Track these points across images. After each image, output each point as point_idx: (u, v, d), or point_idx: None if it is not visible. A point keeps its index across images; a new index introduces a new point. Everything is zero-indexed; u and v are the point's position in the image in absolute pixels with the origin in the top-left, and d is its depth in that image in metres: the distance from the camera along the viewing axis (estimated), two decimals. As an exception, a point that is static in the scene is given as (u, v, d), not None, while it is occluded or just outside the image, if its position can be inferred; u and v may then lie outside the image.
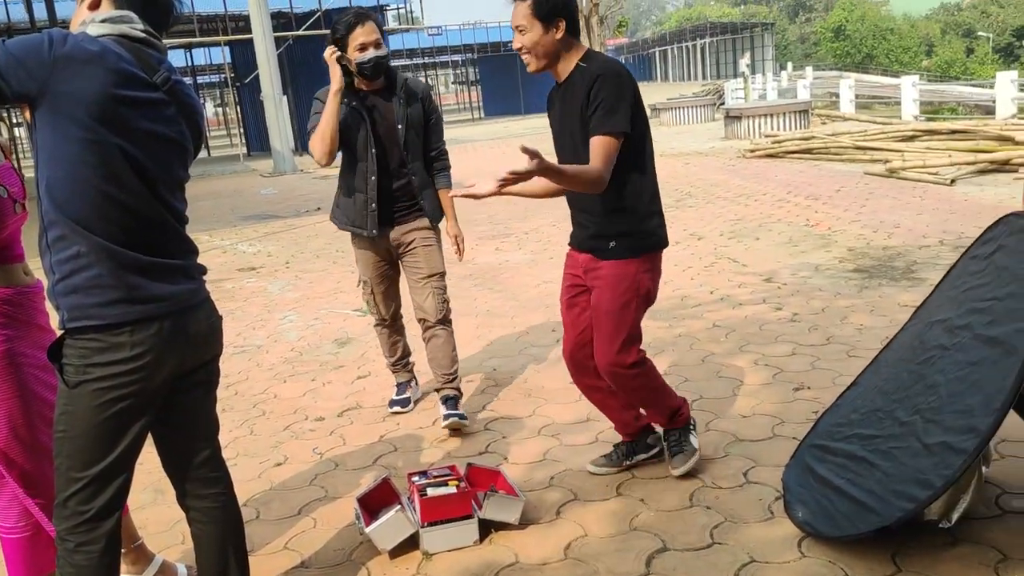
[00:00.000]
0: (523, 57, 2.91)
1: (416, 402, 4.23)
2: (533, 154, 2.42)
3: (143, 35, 1.97)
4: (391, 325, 4.13)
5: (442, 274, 3.91)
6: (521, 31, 2.85)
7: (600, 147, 2.74)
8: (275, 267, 8.48)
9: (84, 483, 1.93)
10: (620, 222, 2.93)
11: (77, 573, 1.95)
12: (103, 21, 1.92)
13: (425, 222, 3.86)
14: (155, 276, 1.94)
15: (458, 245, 3.96)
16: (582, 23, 26.82)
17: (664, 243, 3.06)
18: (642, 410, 3.24)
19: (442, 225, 3.96)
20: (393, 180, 3.79)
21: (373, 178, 3.75)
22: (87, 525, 1.95)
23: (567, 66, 2.90)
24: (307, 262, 8.59)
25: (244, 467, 3.63)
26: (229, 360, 5.28)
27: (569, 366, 3.18)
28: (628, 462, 3.24)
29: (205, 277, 2.15)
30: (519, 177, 2.50)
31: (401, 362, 4.22)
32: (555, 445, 3.56)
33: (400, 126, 3.74)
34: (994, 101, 16.02)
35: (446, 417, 3.81)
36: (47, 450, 2.16)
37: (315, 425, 4.08)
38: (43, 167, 1.84)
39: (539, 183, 2.89)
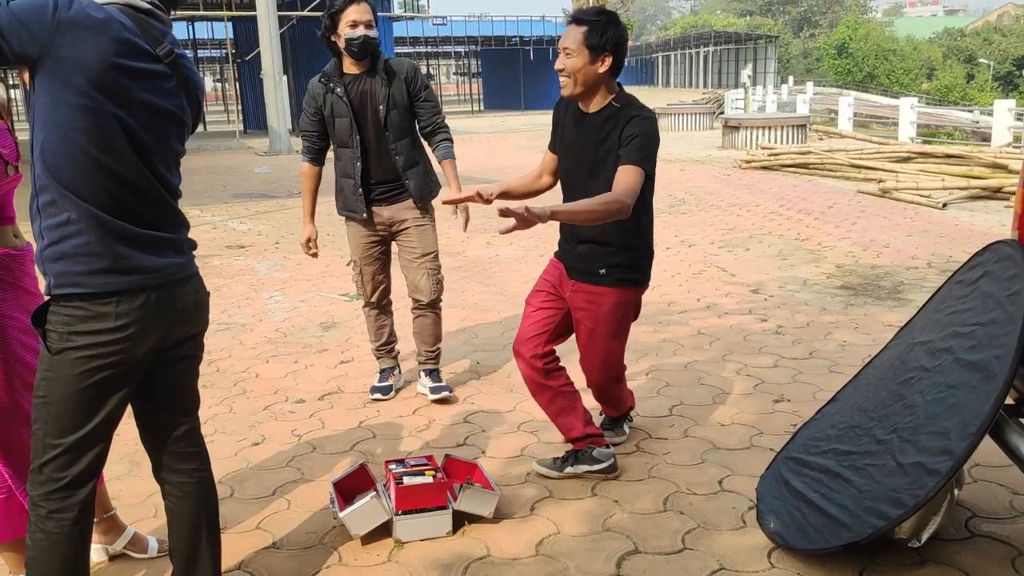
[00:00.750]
0: (561, 79, 2.95)
1: (398, 390, 4.23)
2: (538, 217, 2.56)
3: (148, 6, 1.95)
4: (378, 307, 4.14)
5: (436, 254, 3.99)
6: (568, 54, 2.89)
7: (631, 175, 2.82)
8: (264, 246, 8.45)
9: (61, 450, 1.92)
10: (616, 253, 3.05)
11: (48, 539, 1.94)
12: None
13: (415, 204, 3.90)
14: (144, 248, 1.92)
15: (461, 213, 3.78)
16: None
17: (649, 278, 3.21)
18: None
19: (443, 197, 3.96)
20: (378, 161, 3.84)
21: (358, 163, 3.83)
22: (61, 492, 1.94)
23: (600, 101, 2.98)
24: (297, 243, 8.51)
25: (221, 445, 3.63)
26: (212, 337, 5.26)
27: (520, 362, 3.20)
28: (571, 469, 3.21)
29: (194, 252, 2.13)
30: (524, 226, 2.61)
31: (386, 347, 4.22)
32: (533, 442, 3.57)
33: (381, 106, 3.77)
34: (990, 128, 16.12)
35: (433, 391, 4.01)
36: (25, 415, 2.15)
37: (295, 407, 4.08)
38: (38, 131, 1.83)
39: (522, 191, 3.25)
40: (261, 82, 22.07)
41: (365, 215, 3.89)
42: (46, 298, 1.91)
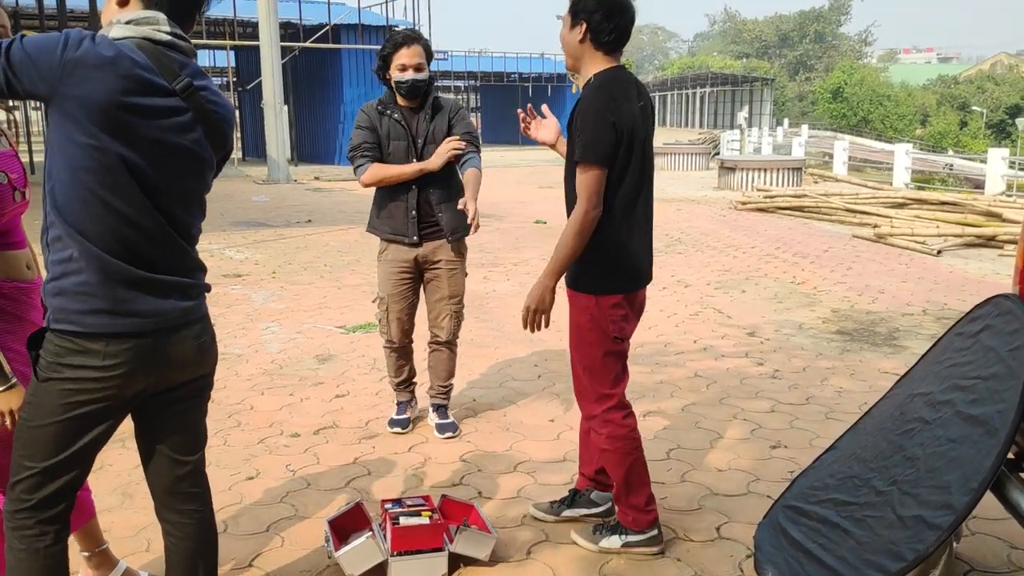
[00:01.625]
0: None
1: (413, 421, 4.23)
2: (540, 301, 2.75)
3: (168, 37, 1.93)
4: (400, 349, 4.11)
5: (461, 297, 4.05)
6: (563, 22, 2.83)
7: (579, 178, 2.71)
8: (261, 276, 8.45)
9: (32, 473, 1.92)
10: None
11: (16, 557, 1.96)
12: (128, 23, 1.90)
13: (449, 245, 3.96)
14: (145, 291, 1.90)
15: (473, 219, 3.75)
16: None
17: (620, 288, 2.85)
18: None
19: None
20: (426, 191, 3.90)
21: (414, 186, 3.88)
22: (28, 513, 1.94)
23: (585, 75, 2.82)
24: (294, 273, 8.56)
25: (215, 478, 3.55)
26: (208, 367, 5.24)
27: None
28: (568, 512, 3.16)
29: (205, 294, 2.10)
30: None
31: (405, 383, 4.22)
32: (530, 483, 3.55)
33: (419, 140, 3.88)
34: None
35: (440, 428, 4.08)
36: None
37: (290, 441, 4.05)
38: (51, 166, 1.83)
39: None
40: (261, 110, 22.22)
41: (416, 238, 3.90)
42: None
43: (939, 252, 9.63)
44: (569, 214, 2.80)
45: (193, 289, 2.03)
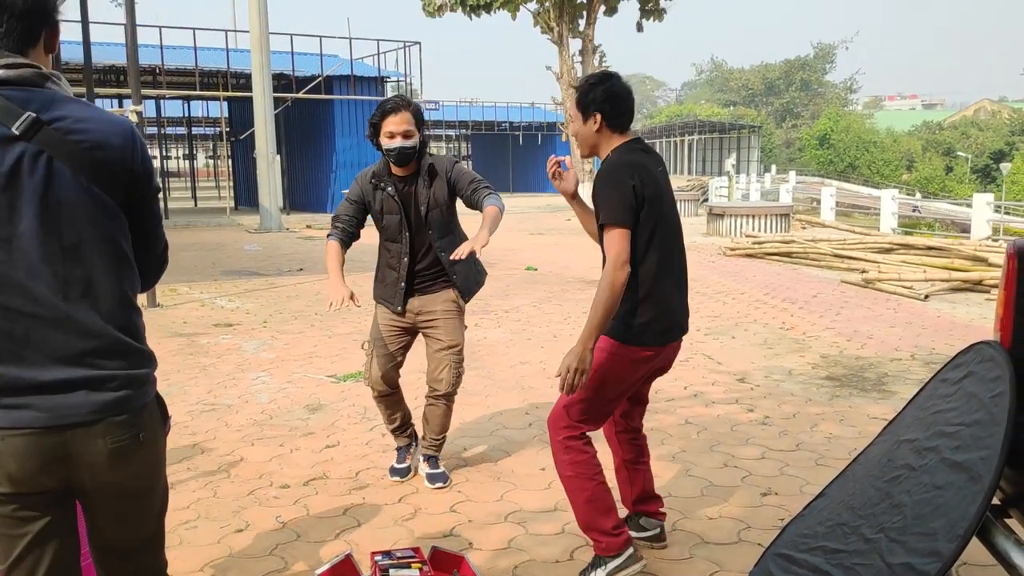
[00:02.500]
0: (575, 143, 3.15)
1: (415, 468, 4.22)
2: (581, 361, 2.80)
3: (1, 72, 1.67)
4: (388, 396, 4.09)
5: (461, 347, 4.01)
6: (571, 120, 3.11)
7: (607, 240, 2.87)
8: (252, 325, 8.45)
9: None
10: None
11: None
12: None
13: (450, 294, 3.97)
14: (33, 393, 1.69)
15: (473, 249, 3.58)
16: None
17: (649, 341, 2.98)
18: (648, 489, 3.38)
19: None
20: (423, 259, 3.92)
21: (405, 259, 3.90)
22: None
23: (603, 154, 3.06)
24: (285, 323, 8.57)
25: (205, 530, 3.57)
26: (198, 418, 5.23)
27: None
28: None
29: (131, 388, 1.79)
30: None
31: (401, 428, 4.21)
32: (521, 533, 3.54)
33: (422, 207, 3.86)
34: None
35: (431, 478, 4.05)
36: None
37: (280, 492, 4.03)
38: None
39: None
40: (253, 160, 22.39)
41: (399, 308, 3.95)
42: None
43: (926, 297, 9.71)
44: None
45: (113, 380, 1.75)
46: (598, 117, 2.99)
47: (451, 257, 3.60)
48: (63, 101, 1.72)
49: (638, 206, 2.87)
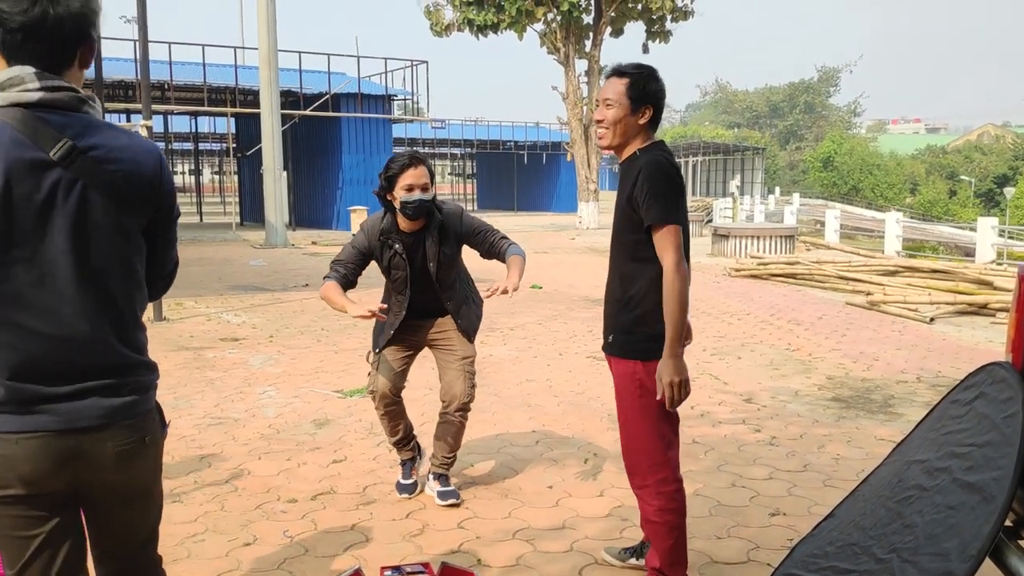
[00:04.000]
0: (599, 130, 2.97)
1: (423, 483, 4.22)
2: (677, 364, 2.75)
3: (39, 96, 1.70)
4: (392, 407, 4.07)
5: (473, 358, 4.03)
6: (608, 105, 2.91)
7: (660, 238, 2.81)
8: (258, 340, 8.47)
9: None
10: (621, 316, 2.94)
11: None
12: None
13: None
14: (54, 400, 1.75)
15: (506, 288, 3.65)
16: (581, 132, 27.69)
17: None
18: None
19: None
20: (429, 304, 3.96)
21: (403, 312, 3.94)
22: None
23: (630, 150, 2.96)
24: (291, 337, 8.58)
25: (212, 544, 3.57)
26: (205, 431, 5.23)
27: None
28: (634, 561, 3.30)
29: (137, 394, 1.87)
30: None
31: (404, 441, 4.20)
32: (529, 551, 3.53)
33: (431, 264, 3.87)
34: (973, 244, 16.51)
35: (442, 495, 4.02)
36: None
37: (287, 507, 4.03)
38: None
39: None
40: (260, 176, 22.49)
41: (377, 350, 4.02)
42: None
43: (932, 320, 9.71)
44: (613, 278, 2.98)
45: (123, 388, 1.83)
46: (650, 111, 2.91)
47: (486, 296, 3.70)
48: (99, 128, 1.77)
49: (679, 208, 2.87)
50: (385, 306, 3.78)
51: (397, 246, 3.85)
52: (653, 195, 2.80)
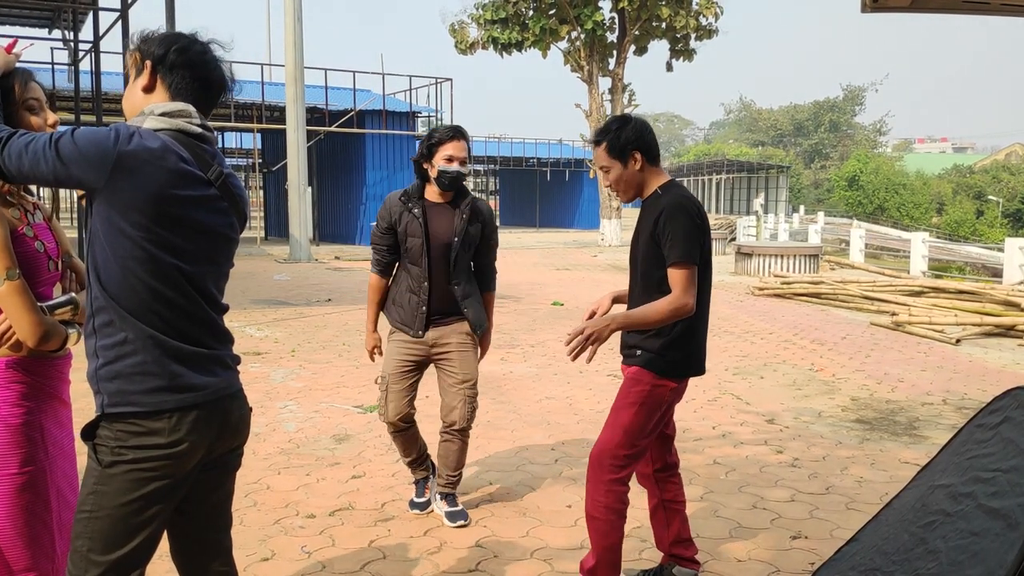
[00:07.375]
0: (613, 191, 3.17)
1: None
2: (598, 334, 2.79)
3: (199, 130, 2.03)
4: (404, 432, 4.09)
5: (475, 381, 4.02)
6: (604, 170, 3.11)
7: (675, 275, 2.93)
8: (280, 354, 8.51)
9: (103, 569, 1.91)
10: (651, 341, 3.07)
11: None
12: (161, 115, 1.99)
13: (464, 326, 4.00)
14: (195, 366, 1.99)
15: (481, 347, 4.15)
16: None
17: (681, 374, 3.12)
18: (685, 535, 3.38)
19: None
20: (440, 286, 3.96)
21: (426, 283, 3.93)
22: None
23: (649, 190, 3.11)
24: (313, 352, 8.62)
25: (230, 558, 3.58)
26: (226, 445, 5.25)
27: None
28: None
29: (238, 367, 2.17)
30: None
31: (418, 462, 4.20)
32: (547, 570, 3.51)
33: (456, 239, 3.91)
34: (1001, 264, 16.28)
35: (450, 516, 3.99)
36: (39, 537, 2.17)
37: (305, 522, 4.04)
38: (97, 256, 1.90)
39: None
40: (284, 191, 22.69)
41: (420, 333, 3.96)
42: (96, 415, 1.93)
43: (958, 341, 9.58)
44: (635, 295, 3.11)
45: (231, 360, 2.13)
46: (638, 155, 3.05)
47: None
48: (222, 157, 2.13)
49: (701, 246, 3.00)
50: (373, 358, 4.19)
51: (416, 210, 3.90)
52: (674, 236, 2.95)
